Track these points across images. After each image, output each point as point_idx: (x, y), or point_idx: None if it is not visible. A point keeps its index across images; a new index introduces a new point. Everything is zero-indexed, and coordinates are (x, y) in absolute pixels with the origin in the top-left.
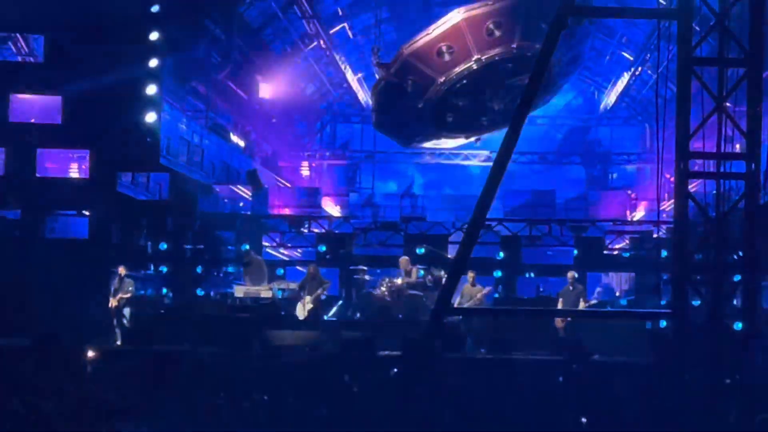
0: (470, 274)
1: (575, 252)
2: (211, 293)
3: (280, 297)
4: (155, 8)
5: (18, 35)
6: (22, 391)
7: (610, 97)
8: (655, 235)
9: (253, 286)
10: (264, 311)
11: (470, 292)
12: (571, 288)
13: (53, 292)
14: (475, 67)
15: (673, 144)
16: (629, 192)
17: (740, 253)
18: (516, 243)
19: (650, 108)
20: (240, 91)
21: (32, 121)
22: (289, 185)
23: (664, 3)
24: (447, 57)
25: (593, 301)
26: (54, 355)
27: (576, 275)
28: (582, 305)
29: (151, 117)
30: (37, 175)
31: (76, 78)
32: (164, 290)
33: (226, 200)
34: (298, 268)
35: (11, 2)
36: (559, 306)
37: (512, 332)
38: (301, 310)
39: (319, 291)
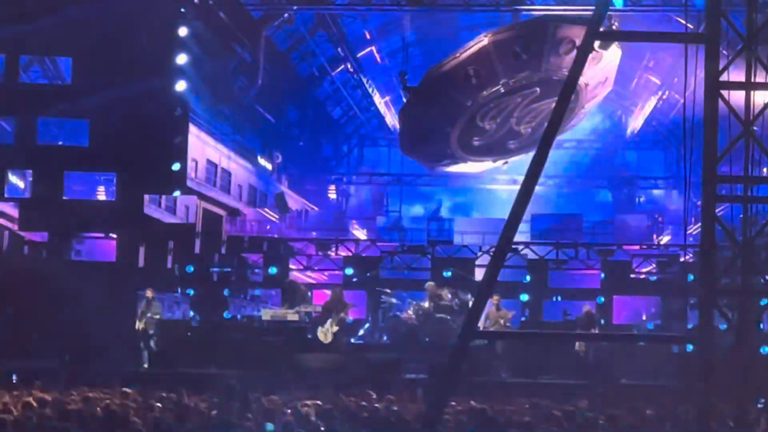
0: (494, 298)
1: (602, 276)
2: (238, 316)
3: (307, 321)
4: (183, 32)
5: (46, 58)
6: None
7: (638, 121)
8: (681, 259)
9: (290, 308)
10: (291, 334)
11: (495, 316)
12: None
13: (80, 315)
14: (502, 90)
15: (700, 168)
16: (656, 216)
17: (767, 278)
18: (543, 266)
19: (677, 131)
20: (267, 114)
21: (59, 143)
22: (316, 208)
23: (692, 27)
24: (474, 80)
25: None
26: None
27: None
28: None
29: (178, 140)
30: (64, 197)
31: (103, 101)
32: (191, 313)
33: (253, 223)
34: (325, 291)
35: (39, 26)
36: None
37: (537, 356)
38: (323, 334)
39: (341, 315)
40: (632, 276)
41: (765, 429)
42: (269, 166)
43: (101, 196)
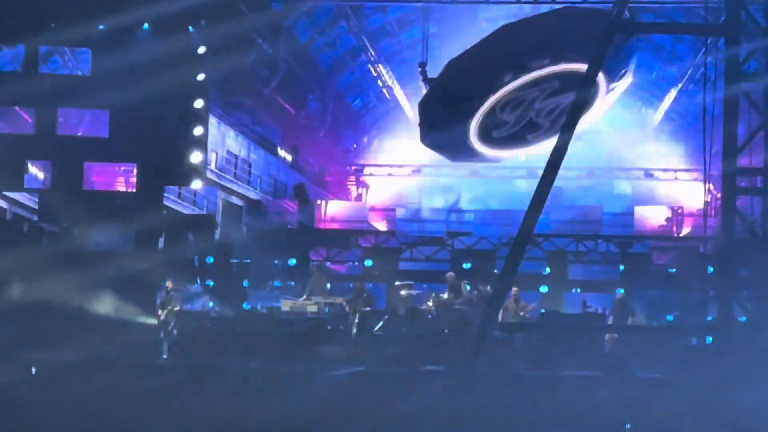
0: (513, 290)
1: (621, 268)
2: (258, 307)
3: (327, 312)
4: (203, 21)
5: (66, 48)
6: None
7: (657, 113)
8: (701, 251)
9: (305, 300)
10: (311, 326)
11: (514, 309)
12: (621, 305)
13: (100, 306)
14: (522, 82)
15: (720, 160)
16: (675, 208)
17: None
18: (562, 258)
19: (697, 124)
20: (287, 105)
21: (79, 134)
22: (335, 200)
23: (711, 19)
24: (495, 72)
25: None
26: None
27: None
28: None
29: (198, 131)
30: (84, 188)
31: (123, 91)
32: (211, 304)
33: (272, 214)
34: (344, 283)
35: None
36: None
37: (556, 348)
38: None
39: (364, 309)
40: (651, 268)
41: None
42: (289, 158)
43: (121, 187)
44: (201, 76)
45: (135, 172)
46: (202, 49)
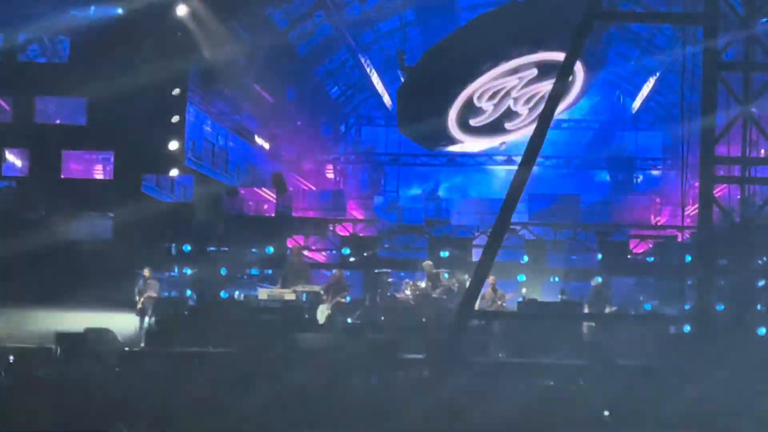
0: (491, 279)
1: (600, 256)
2: (235, 295)
3: (304, 300)
4: (182, 10)
5: (43, 36)
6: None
7: (636, 102)
8: (679, 240)
9: (282, 288)
10: (288, 314)
11: (491, 297)
12: (598, 294)
13: (77, 293)
14: (500, 71)
15: (698, 149)
16: (654, 197)
17: (764, 258)
18: (540, 247)
19: (675, 112)
20: (265, 94)
21: (57, 122)
22: (314, 188)
23: (690, 8)
24: (472, 61)
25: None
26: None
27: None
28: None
29: (175, 119)
30: (62, 176)
31: (101, 80)
32: (188, 292)
33: (250, 203)
34: (322, 271)
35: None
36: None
37: (535, 336)
38: (322, 315)
39: (339, 298)
40: (630, 257)
41: None
42: (267, 146)
43: (99, 175)
44: (179, 65)
45: (113, 160)
46: (180, 38)
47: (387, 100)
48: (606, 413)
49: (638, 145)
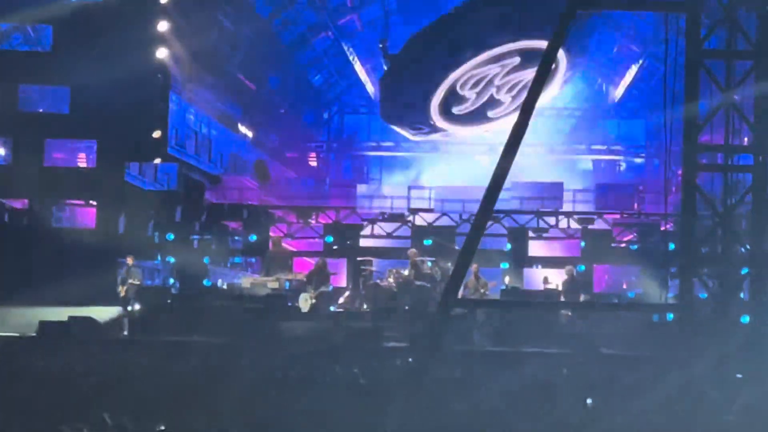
0: (474, 266)
1: (582, 244)
2: (218, 283)
3: (287, 288)
4: None
5: (26, 24)
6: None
7: (618, 90)
8: (662, 228)
9: (265, 277)
10: (272, 302)
11: (474, 285)
12: (572, 281)
13: (60, 282)
14: (483, 59)
15: (681, 137)
16: (637, 184)
17: (747, 246)
18: (523, 235)
19: (658, 100)
20: (248, 82)
21: (40, 110)
22: (296, 176)
23: None
24: (455, 48)
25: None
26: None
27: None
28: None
29: (159, 107)
30: (45, 164)
31: (84, 68)
32: (171, 280)
33: (233, 191)
34: (305, 259)
35: None
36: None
37: (518, 325)
38: (305, 303)
39: (322, 288)
40: (613, 245)
41: None
42: (250, 134)
43: (82, 163)
44: (162, 53)
45: (96, 148)
46: (163, 25)
47: (370, 88)
48: (588, 401)
49: (621, 133)
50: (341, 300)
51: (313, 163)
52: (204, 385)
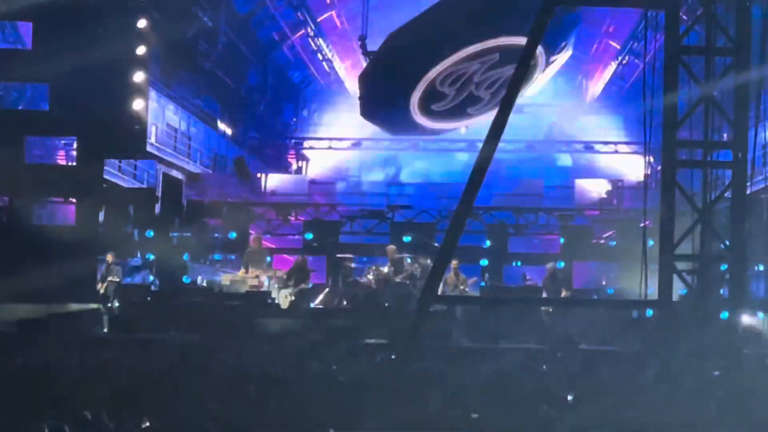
0: (453, 263)
1: (562, 241)
2: (198, 280)
3: (267, 285)
4: None
5: (6, 22)
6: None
7: (597, 86)
8: (641, 225)
9: (252, 271)
10: (251, 299)
11: (454, 282)
12: (553, 277)
13: (40, 279)
14: (462, 56)
15: (661, 133)
16: (616, 181)
17: (727, 243)
18: (502, 232)
19: (637, 96)
20: (227, 79)
21: (19, 107)
22: (276, 173)
23: None
24: (435, 45)
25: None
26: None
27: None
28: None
29: (138, 104)
30: (25, 162)
31: (63, 65)
32: (151, 278)
33: (213, 188)
34: (285, 256)
35: None
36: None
37: (497, 322)
38: (285, 300)
39: (302, 285)
40: (592, 241)
41: None
42: (229, 131)
43: (61, 160)
44: (141, 50)
45: (75, 145)
46: (142, 23)
47: (349, 85)
48: (569, 398)
49: (600, 129)
50: (320, 297)
51: (293, 160)
52: (183, 381)
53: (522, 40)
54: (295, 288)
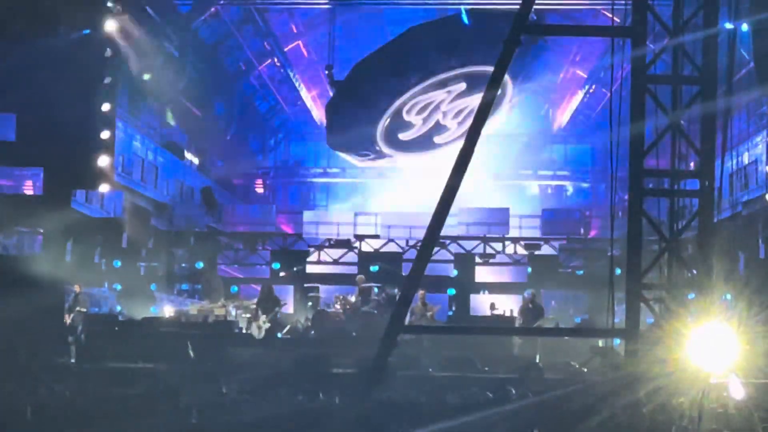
0: (420, 293)
1: (529, 270)
2: (165, 310)
3: (234, 315)
4: (110, 26)
5: None
6: None
7: (564, 115)
8: (608, 253)
9: (210, 303)
10: (219, 329)
11: (421, 311)
12: (530, 306)
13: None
14: (429, 84)
15: (627, 162)
16: (583, 210)
17: (694, 272)
18: (469, 261)
19: (604, 125)
20: (194, 109)
21: None
22: (243, 203)
23: (618, 21)
24: (401, 74)
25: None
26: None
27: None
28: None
29: (105, 134)
30: None
31: (30, 95)
32: (118, 307)
33: (180, 218)
34: (252, 285)
35: None
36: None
37: (464, 351)
38: (257, 330)
39: (276, 310)
40: (560, 270)
41: None
42: (196, 161)
43: (29, 190)
44: (108, 80)
45: (42, 175)
46: (108, 53)
47: (316, 114)
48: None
49: (567, 158)
50: (288, 326)
51: (260, 190)
52: (150, 410)
53: (489, 69)
54: (267, 315)
